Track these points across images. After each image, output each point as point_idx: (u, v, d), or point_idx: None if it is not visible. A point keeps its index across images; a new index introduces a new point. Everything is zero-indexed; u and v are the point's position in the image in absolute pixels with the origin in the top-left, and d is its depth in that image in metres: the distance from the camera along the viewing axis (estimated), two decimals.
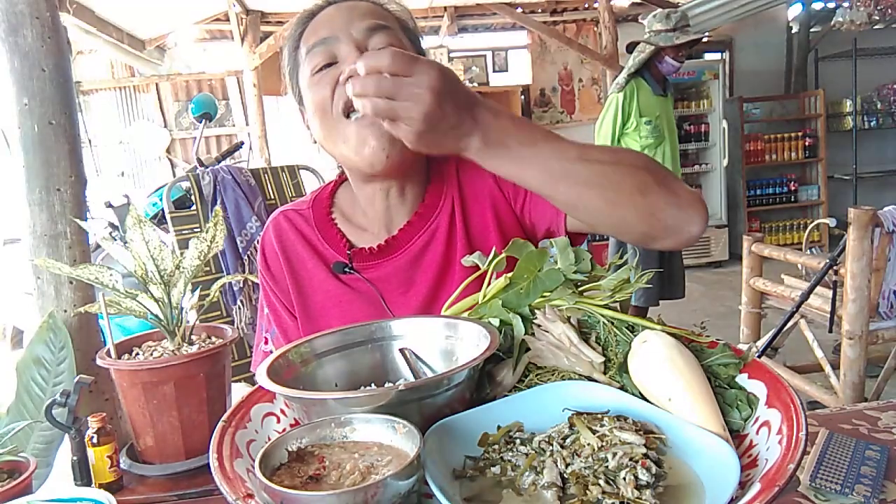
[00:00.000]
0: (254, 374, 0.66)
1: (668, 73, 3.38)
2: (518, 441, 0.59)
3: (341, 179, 1.08)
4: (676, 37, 3.24)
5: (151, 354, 0.86)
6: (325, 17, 0.94)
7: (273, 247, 1.03)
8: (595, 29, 6.50)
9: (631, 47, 3.46)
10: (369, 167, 0.91)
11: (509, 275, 0.77)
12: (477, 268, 0.81)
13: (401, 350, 0.75)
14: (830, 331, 2.45)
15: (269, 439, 0.61)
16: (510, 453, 0.58)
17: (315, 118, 0.93)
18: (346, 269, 0.98)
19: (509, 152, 0.72)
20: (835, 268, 2.37)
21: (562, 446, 0.57)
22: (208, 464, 0.58)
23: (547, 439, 0.58)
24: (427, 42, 6.17)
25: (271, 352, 1.04)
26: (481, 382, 0.67)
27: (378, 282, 0.97)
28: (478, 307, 0.78)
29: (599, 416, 0.59)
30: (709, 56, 6.75)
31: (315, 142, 0.99)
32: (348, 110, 0.89)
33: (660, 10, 3.34)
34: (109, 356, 0.86)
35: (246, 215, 2.33)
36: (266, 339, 1.08)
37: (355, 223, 1.03)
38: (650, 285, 3.01)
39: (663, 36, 3.26)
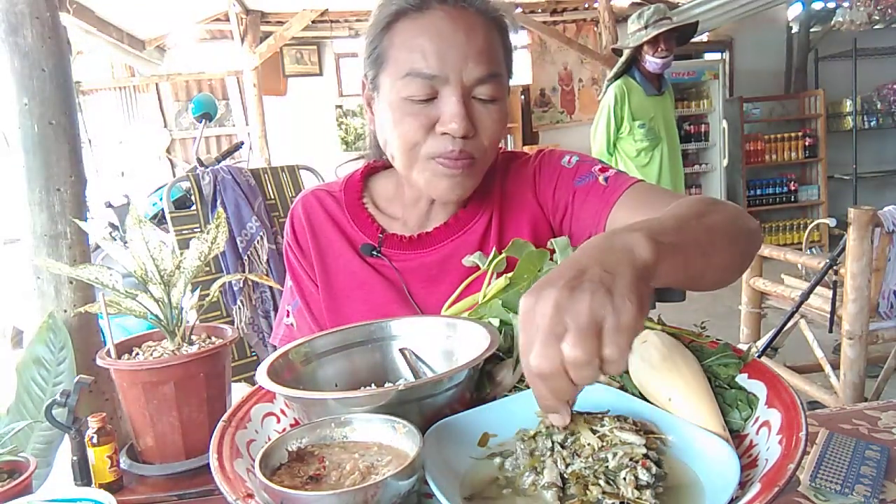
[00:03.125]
0: (255, 373, 0.67)
1: (655, 71, 3.29)
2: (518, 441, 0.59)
3: (377, 166, 1.07)
4: (646, 34, 3.15)
5: (151, 354, 0.86)
6: (436, 31, 0.85)
7: (301, 222, 1.04)
8: (595, 29, 6.50)
9: (617, 53, 3.43)
10: (436, 198, 0.96)
11: (509, 275, 0.77)
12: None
13: (401, 350, 0.75)
14: (830, 331, 2.45)
15: (269, 439, 0.61)
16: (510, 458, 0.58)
17: (393, 138, 0.91)
18: (374, 252, 0.99)
19: (669, 249, 0.56)
20: (835, 268, 2.37)
21: (562, 446, 0.57)
22: (208, 464, 0.58)
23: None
24: None
25: (292, 325, 1.06)
26: (481, 382, 0.67)
27: (403, 273, 0.98)
28: (478, 307, 0.78)
29: (599, 416, 0.59)
30: (709, 56, 6.76)
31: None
32: (436, 157, 0.89)
33: (636, 13, 3.26)
34: (109, 356, 0.86)
35: (246, 215, 2.33)
36: (288, 311, 1.08)
37: (388, 212, 1.04)
38: None
39: (635, 35, 3.20)
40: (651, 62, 3.23)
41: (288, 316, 1.09)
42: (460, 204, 1.01)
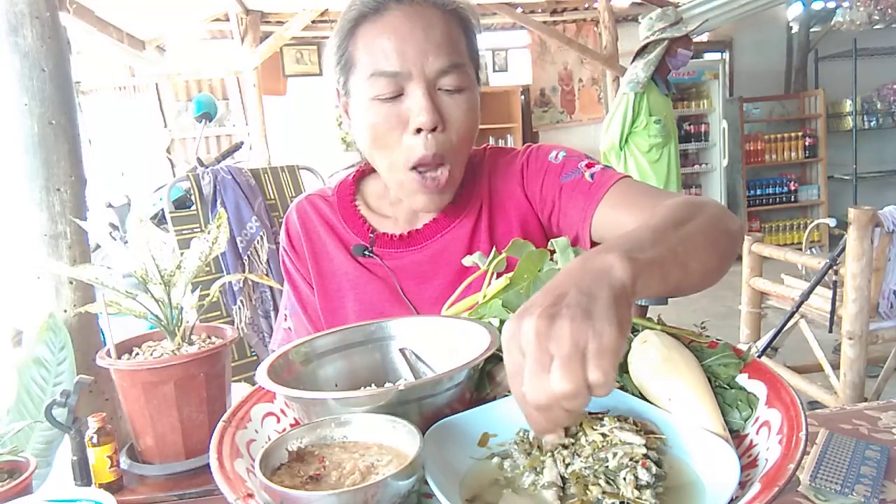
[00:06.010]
0: (255, 373, 0.67)
1: (681, 65, 3.39)
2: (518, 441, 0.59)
3: (367, 168, 1.09)
4: (685, 25, 3.28)
5: (151, 354, 0.86)
6: (394, 30, 0.87)
7: (296, 226, 1.06)
8: (595, 29, 6.50)
9: (642, 50, 3.45)
10: (416, 210, 0.98)
11: (509, 275, 0.77)
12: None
13: (401, 350, 0.75)
14: (830, 331, 2.45)
15: (269, 439, 0.61)
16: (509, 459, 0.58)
17: (368, 140, 0.93)
18: (366, 252, 1.01)
19: (647, 264, 0.56)
20: (835, 268, 2.38)
21: (563, 446, 0.57)
22: (208, 464, 0.58)
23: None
24: None
25: (290, 329, 1.07)
26: (481, 382, 0.67)
27: (395, 271, 1.00)
28: (478, 307, 0.78)
29: (599, 416, 0.59)
30: (709, 56, 6.76)
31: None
32: (413, 166, 0.90)
33: (655, 11, 3.35)
34: (109, 356, 0.86)
35: (246, 215, 2.33)
36: (285, 315, 1.10)
37: (380, 211, 1.06)
38: None
39: (673, 28, 3.28)
40: (683, 55, 3.34)
41: (286, 320, 1.10)
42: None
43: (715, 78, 6.23)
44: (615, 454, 0.53)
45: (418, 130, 0.88)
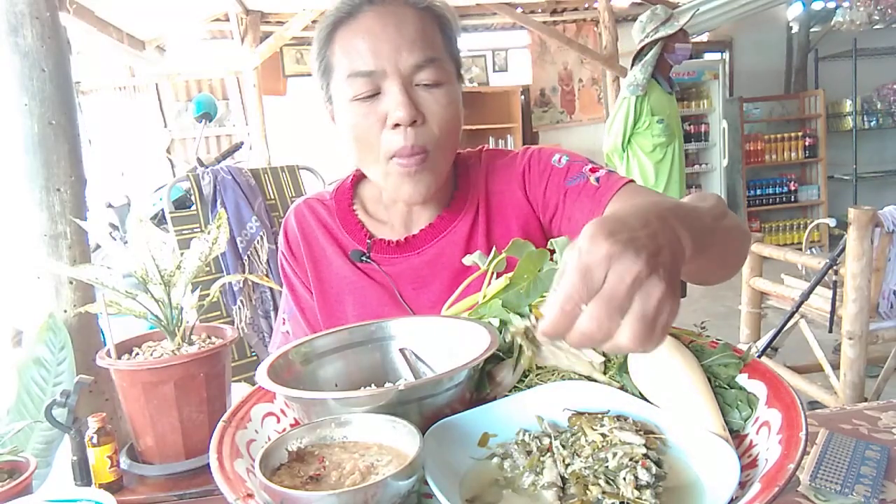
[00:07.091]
0: (255, 373, 0.67)
1: (682, 59, 3.37)
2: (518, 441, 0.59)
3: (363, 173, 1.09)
4: (676, 20, 3.26)
5: (151, 354, 0.86)
6: (367, 31, 0.89)
7: (294, 231, 1.07)
8: (595, 29, 6.50)
9: (639, 53, 3.45)
10: (402, 202, 0.98)
11: (509, 275, 0.77)
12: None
13: (401, 350, 0.75)
14: (830, 331, 2.45)
15: (269, 439, 0.61)
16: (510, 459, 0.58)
17: (352, 143, 0.94)
18: (363, 258, 1.00)
19: (697, 236, 0.56)
20: (835, 268, 2.38)
21: (563, 446, 0.57)
22: (208, 464, 0.58)
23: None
24: None
25: (288, 332, 1.07)
26: (481, 382, 0.67)
27: (393, 276, 1.00)
28: (478, 307, 0.78)
29: (599, 416, 0.59)
30: (709, 56, 6.77)
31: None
32: (392, 156, 0.90)
33: (645, 13, 3.34)
34: (109, 356, 0.86)
35: (246, 215, 2.33)
36: (284, 319, 1.10)
37: (377, 217, 1.06)
38: None
39: (666, 26, 3.27)
40: (681, 49, 3.32)
41: (284, 324, 1.10)
42: (443, 203, 1.02)
43: (715, 78, 6.24)
44: (615, 454, 0.53)
45: (396, 126, 0.89)
